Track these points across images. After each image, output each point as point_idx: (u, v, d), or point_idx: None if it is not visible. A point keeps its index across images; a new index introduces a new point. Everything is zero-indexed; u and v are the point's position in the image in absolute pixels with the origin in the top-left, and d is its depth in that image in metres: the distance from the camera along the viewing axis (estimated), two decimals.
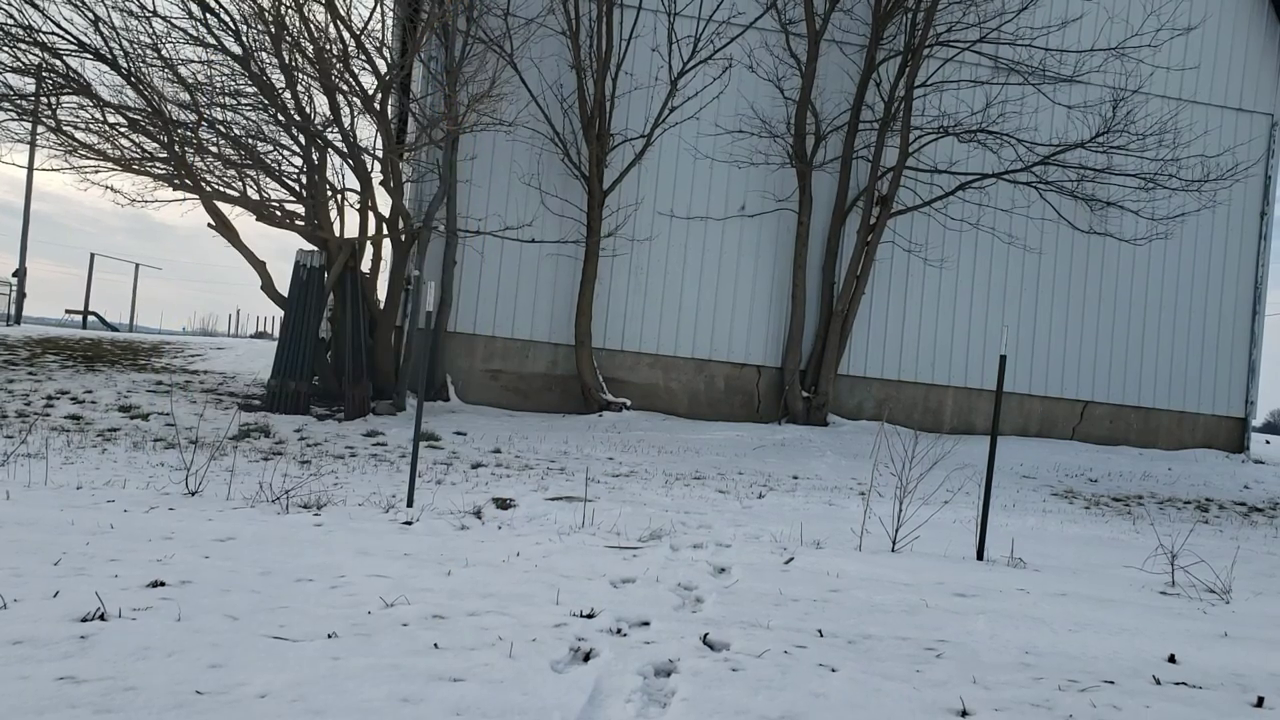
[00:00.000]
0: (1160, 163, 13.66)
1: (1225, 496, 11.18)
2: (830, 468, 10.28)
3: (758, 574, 4.79)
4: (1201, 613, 4.84)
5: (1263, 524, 9.78)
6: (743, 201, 13.24)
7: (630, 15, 12.88)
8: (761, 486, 8.81)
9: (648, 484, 8.34)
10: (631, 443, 10.68)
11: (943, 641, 3.79)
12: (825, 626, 3.85)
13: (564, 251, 12.78)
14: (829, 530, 6.40)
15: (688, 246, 13.13)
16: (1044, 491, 10.41)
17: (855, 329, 13.36)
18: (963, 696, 3.07)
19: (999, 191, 13.61)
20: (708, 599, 4.21)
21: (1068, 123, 13.72)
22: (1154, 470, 12.18)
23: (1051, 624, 4.24)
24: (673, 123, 12.79)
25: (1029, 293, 13.91)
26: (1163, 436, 14.14)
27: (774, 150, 13.19)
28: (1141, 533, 8.05)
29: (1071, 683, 3.35)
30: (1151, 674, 3.54)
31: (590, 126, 12.44)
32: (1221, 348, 14.36)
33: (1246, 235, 14.50)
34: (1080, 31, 13.82)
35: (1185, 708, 3.15)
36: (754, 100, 13.21)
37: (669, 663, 3.20)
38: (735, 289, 13.22)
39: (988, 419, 13.34)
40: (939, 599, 4.58)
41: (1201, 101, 14.32)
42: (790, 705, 2.85)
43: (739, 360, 13.22)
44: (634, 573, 4.56)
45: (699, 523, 6.44)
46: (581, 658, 3.18)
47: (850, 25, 13.36)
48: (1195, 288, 14.33)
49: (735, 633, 3.61)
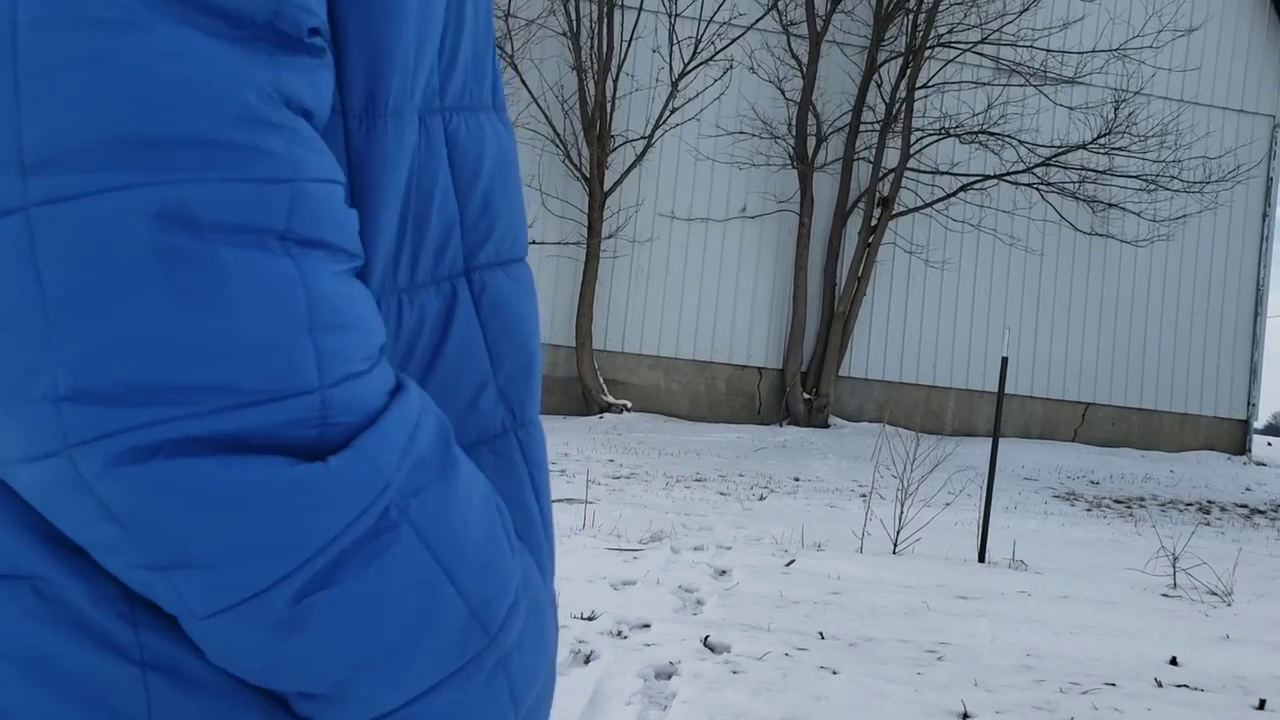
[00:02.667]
0: (1162, 164, 13.63)
1: (1227, 499, 11.17)
2: (831, 470, 10.28)
3: (759, 576, 4.78)
4: (1203, 615, 4.83)
5: (1265, 526, 9.77)
6: (744, 203, 13.24)
7: (631, 17, 12.88)
8: (762, 488, 8.81)
9: (648, 486, 8.33)
10: (632, 444, 10.67)
11: (944, 644, 3.79)
12: (826, 629, 3.85)
13: (565, 253, 12.77)
14: (830, 532, 6.40)
15: (689, 248, 13.13)
16: (1046, 493, 10.40)
17: (856, 331, 13.34)
18: (964, 699, 3.06)
19: (1000, 193, 13.59)
20: (708, 601, 4.20)
21: (1069, 124, 13.70)
22: (1156, 472, 12.17)
23: (1053, 626, 4.23)
24: (674, 124, 12.78)
25: (1030, 294, 13.89)
26: (1164, 438, 14.12)
27: (775, 151, 13.18)
28: (1143, 535, 8.04)
29: (1073, 685, 3.34)
30: (1153, 676, 3.54)
31: (591, 128, 12.43)
32: (1223, 350, 14.33)
33: (1248, 237, 14.48)
34: (1082, 33, 13.81)
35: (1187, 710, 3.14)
36: (755, 101, 13.20)
37: (670, 665, 3.20)
38: (736, 290, 13.21)
39: (989, 421, 13.33)
40: (940, 601, 4.57)
41: (1203, 103, 14.30)
42: (791, 708, 2.84)
43: (740, 362, 13.21)
44: (635, 575, 4.56)
45: (700, 524, 6.44)
46: (582, 660, 3.18)
47: (851, 26, 13.35)
48: (1197, 289, 14.31)
49: (736, 635, 3.60)
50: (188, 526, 0.44)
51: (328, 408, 0.46)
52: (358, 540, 0.47)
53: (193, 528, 0.44)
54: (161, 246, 0.42)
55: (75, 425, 0.42)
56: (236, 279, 0.44)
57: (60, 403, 0.42)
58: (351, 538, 0.46)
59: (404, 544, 0.48)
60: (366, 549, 0.47)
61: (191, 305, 0.43)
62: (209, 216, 0.43)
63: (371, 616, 0.47)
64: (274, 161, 0.45)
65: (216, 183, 0.43)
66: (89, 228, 0.42)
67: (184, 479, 0.43)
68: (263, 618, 0.45)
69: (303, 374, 0.45)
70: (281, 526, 0.45)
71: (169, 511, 0.43)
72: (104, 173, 0.42)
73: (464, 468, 0.53)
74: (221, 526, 0.44)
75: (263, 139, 0.45)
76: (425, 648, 0.49)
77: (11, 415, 0.43)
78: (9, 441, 0.44)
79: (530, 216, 12.66)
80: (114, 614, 0.47)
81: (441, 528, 0.50)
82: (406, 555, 0.48)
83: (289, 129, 0.46)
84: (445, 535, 0.50)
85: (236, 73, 0.45)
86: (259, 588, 0.45)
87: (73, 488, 0.43)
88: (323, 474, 0.45)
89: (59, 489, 0.44)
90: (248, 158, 0.44)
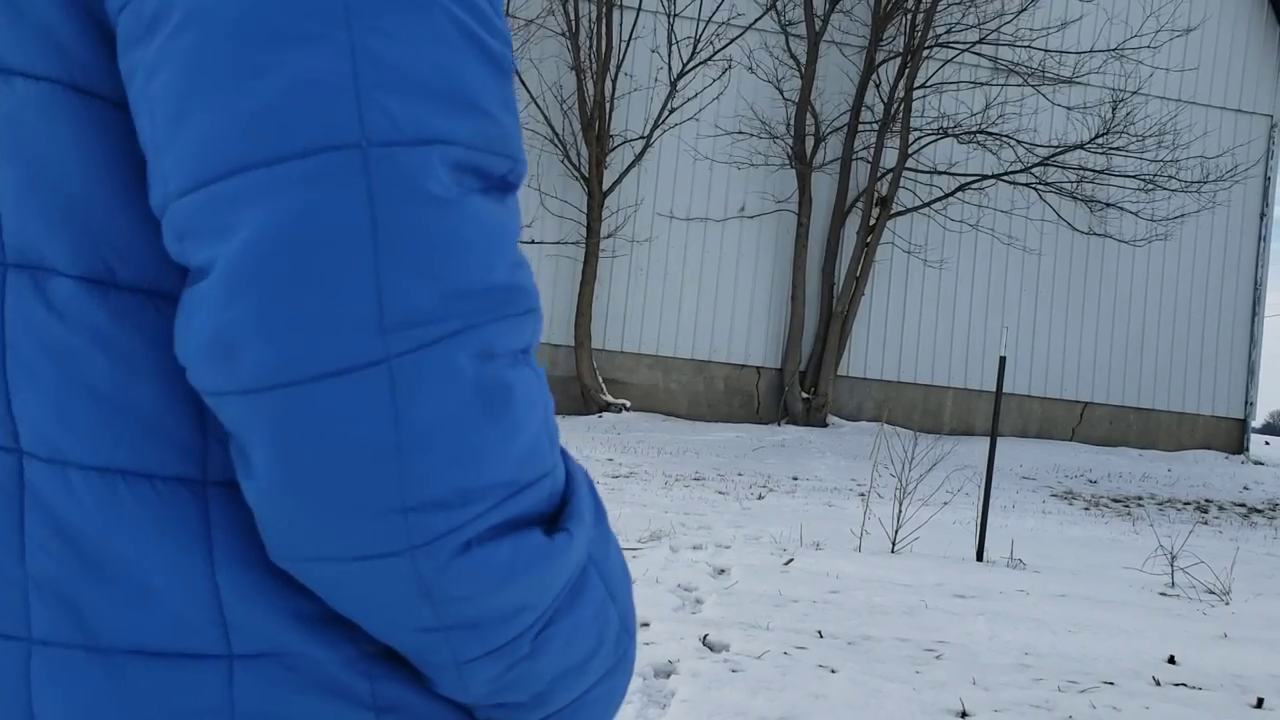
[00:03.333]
0: (1160, 164, 13.64)
1: (1225, 497, 11.18)
2: (830, 469, 10.29)
3: (757, 575, 4.79)
4: (1201, 614, 4.84)
5: (1262, 525, 9.79)
6: (742, 202, 13.24)
7: (630, 16, 12.87)
8: (761, 487, 8.81)
9: (647, 485, 8.34)
10: (631, 444, 10.68)
11: (942, 642, 3.80)
12: (825, 627, 3.86)
13: (563, 253, 12.77)
14: (828, 531, 6.40)
15: (687, 247, 13.13)
16: (1043, 492, 10.41)
17: (855, 330, 13.34)
18: (962, 698, 3.07)
19: (998, 193, 13.59)
20: (707, 600, 4.21)
21: (1067, 124, 13.71)
22: (1153, 471, 12.18)
23: (1051, 625, 4.24)
24: (672, 124, 12.77)
25: (1028, 294, 13.90)
26: (1162, 437, 14.13)
27: (773, 151, 13.19)
28: (1141, 534, 8.05)
29: (1071, 684, 3.35)
30: (1151, 675, 3.55)
31: (590, 127, 12.43)
32: (1221, 349, 14.34)
33: (1246, 236, 14.49)
34: (1080, 33, 13.81)
35: (1185, 709, 3.15)
36: (754, 101, 13.20)
37: (669, 663, 3.20)
38: (735, 290, 13.21)
39: (987, 420, 13.33)
40: (939, 600, 4.58)
41: (1201, 103, 14.31)
42: (790, 706, 2.85)
43: (738, 361, 13.21)
44: (633, 573, 4.56)
45: (698, 523, 6.44)
46: None
47: (850, 26, 13.35)
48: (1195, 289, 14.31)
49: (735, 634, 3.61)
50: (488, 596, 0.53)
51: (556, 481, 0.57)
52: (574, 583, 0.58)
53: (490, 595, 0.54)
54: (479, 378, 0.52)
55: (419, 530, 0.51)
56: (519, 397, 0.54)
57: (407, 513, 0.51)
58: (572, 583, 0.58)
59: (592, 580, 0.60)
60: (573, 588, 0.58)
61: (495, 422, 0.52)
62: (502, 348, 0.53)
63: (573, 640, 0.58)
64: (529, 295, 0.56)
65: (505, 320, 0.54)
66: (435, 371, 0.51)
67: (493, 558, 0.53)
68: (512, 656, 0.56)
69: (549, 459, 0.56)
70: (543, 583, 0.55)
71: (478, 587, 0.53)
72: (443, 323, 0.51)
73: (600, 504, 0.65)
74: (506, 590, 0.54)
75: (524, 278, 0.56)
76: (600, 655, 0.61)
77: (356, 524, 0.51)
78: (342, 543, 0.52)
79: (529, 216, 12.66)
80: (356, 672, 0.56)
81: (606, 562, 0.62)
82: (594, 589, 0.60)
83: (528, 264, 0.57)
84: (610, 568, 0.62)
85: (507, 228, 0.55)
86: (517, 633, 0.55)
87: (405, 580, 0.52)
88: (568, 542, 0.57)
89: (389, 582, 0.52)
90: (518, 296, 0.55)
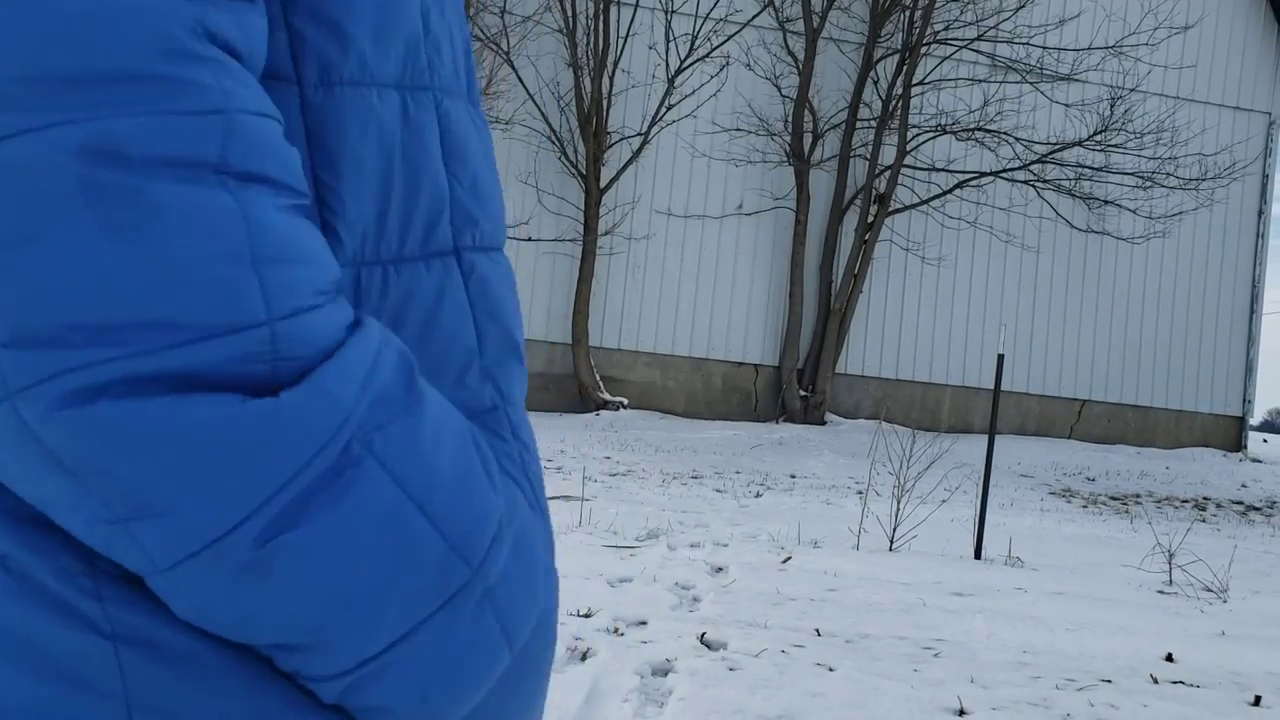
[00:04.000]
0: (1158, 161, 13.64)
1: (1223, 495, 11.19)
2: (828, 466, 10.28)
3: (755, 573, 4.78)
4: (1199, 611, 4.84)
5: (1260, 523, 9.79)
6: (740, 199, 13.24)
7: (627, 13, 12.86)
8: (759, 485, 8.81)
9: (645, 483, 8.33)
10: (628, 441, 10.67)
11: (940, 640, 3.79)
12: (823, 625, 3.85)
13: (561, 250, 12.75)
14: (826, 529, 6.40)
15: (685, 245, 13.12)
16: (1042, 490, 10.41)
17: (853, 327, 13.34)
18: (960, 696, 3.06)
19: (997, 190, 13.59)
20: (705, 598, 4.20)
21: (1065, 121, 13.71)
22: (1151, 469, 12.19)
23: (1049, 623, 4.23)
24: (670, 121, 12.76)
25: (1026, 291, 13.90)
26: (1160, 435, 14.14)
27: (771, 148, 13.18)
28: (1139, 531, 8.05)
29: (1069, 682, 3.35)
30: (1149, 673, 3.54)
31: (587, 124, 12.42)
32: (1219, 346, 14.35)
33: (1244, 233, 14.49)
34: (1078, 30, 13.81)
35: (1183, 706, 3.15)
36: (751, 98, 13.19)
37: (666, 662, 3.19)
38: (733, 287, 13.21)
39: (985, 418, 13.33)
40: (937, 598, 4.57)
41: (1199, 100, 14.31)
42: (788, 704, 2.84)
43: (736, 359, 13.21)
44: (631, 572, 4.56)
45: (696, 522, 6.44)
46: (579, 657, 3.17)
47: (848, 23, 13.34)
48: (1193, 286, 14.32)
49: (732, 632, 3.60)
50: (140, 471, 0.42)
51: (278, 341, 0.45)
52: (320, 478, 0.45)
53: (145, 472, 0.42)
54: (89, 183, 0.41)
55: (15, 371, 0.41)
56: (170, 213, 0.42)
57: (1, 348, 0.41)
58: (313, 475, 0.45)
59: (370, 479, 0.47)
60: (331, 486, 0.46)
61: (125, 241, 0.42)
62: (138, 151, 0.42)
63: (342, 555, 0.46)
64: (203, 93, 0.44)
65: (144, 116, 0.42)
66: (12, 170, 0.41)
67: (131, 420, 0.42)
68: (227, 564, 0.44)
69: (248, 307, 0.44)
70: (236, 466, 0.43)
71: (119, 456, 0.42)
72: (24, 114, 0.41)
73: (432, 400, 0.52)
74: (175, 469, 0.43)
75: (189, 71, 0.44)
76: (403, 584, 0.48)
77: None
78: None
79: (526, 213, 12.64)
80: (77, 588, 0.45)
81: (410, 461, 0.48)
82: (374, 490, 0.47)
83: (216, 62, 0.45)
84: (415, 469, 0.49)
85: (157, 6, 0.43)
86: (219, 532, 0.43)
87: (19, 438, 0.42)
88: (275, 409, 0.44)
89: (5, 442, 0.43)
90: (174, 90, 0.43)
